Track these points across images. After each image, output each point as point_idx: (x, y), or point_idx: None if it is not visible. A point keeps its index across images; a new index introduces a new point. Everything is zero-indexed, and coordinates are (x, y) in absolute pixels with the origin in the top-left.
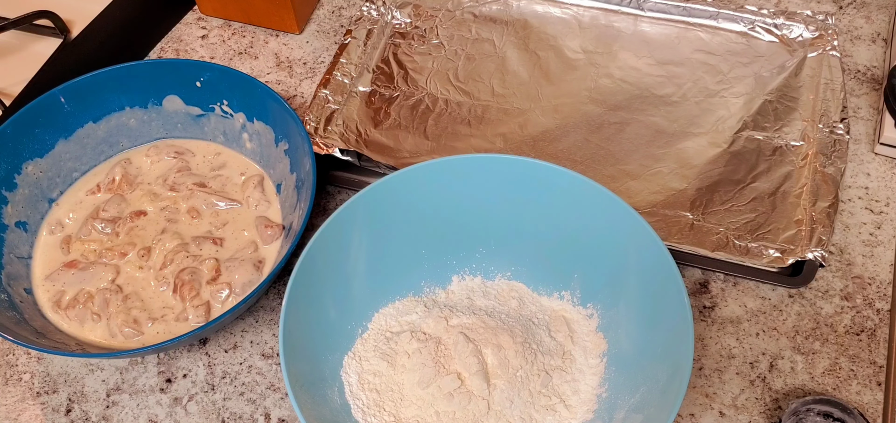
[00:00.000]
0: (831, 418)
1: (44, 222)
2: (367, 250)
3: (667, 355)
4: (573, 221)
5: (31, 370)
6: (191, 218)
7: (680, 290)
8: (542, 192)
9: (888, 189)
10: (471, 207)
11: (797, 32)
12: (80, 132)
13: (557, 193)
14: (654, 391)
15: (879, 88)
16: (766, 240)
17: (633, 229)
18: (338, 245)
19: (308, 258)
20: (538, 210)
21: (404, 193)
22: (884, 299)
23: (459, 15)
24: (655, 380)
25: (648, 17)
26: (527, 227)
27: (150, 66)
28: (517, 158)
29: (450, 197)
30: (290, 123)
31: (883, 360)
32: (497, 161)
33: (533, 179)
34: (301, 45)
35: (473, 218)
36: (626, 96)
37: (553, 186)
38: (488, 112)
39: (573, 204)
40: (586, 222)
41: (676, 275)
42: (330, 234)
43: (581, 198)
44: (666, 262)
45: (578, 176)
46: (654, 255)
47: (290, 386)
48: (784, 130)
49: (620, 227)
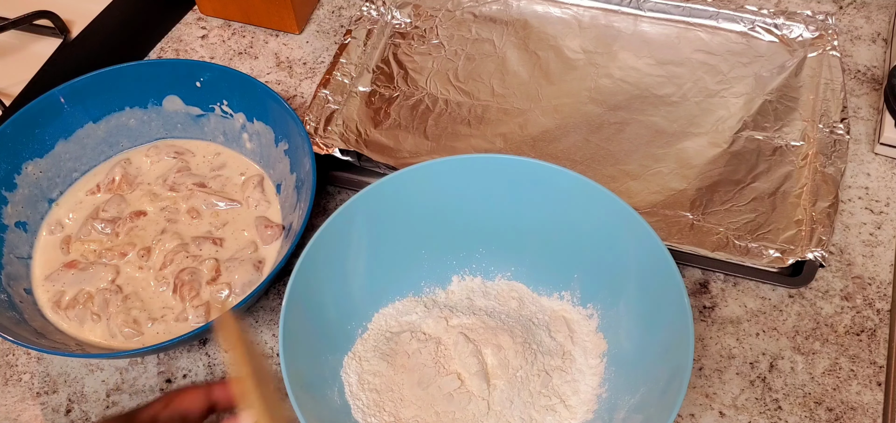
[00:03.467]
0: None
1: (44, 222)
2: (368, 249)
3: (667, 355)
4: (574, 221)
5: (31, 370)
6: (191, 218)
7: (680, 291)
8: (543, 192)
9: (888, 189)
10: (471, 207)
11: (797, 32)
12: (80, 132)
13: (558, 193)
14: (654, 391)
15: (879, 88)
16: (766, 240)
17: (634, 230)
18: (338, 245)
19: (308, 259)
20: (538, 210)
21: (404, 193)
22: (884, 299)
23: (459, 15)
24: (655, 380)
25: (648, 17)
26: (527, 227)
27: (150, 66)
28: (517, 158)
29: (450, 197)
30: (290, 123)
31: (883, 360)
32: (497, 161)
33: (533, 179)
34: (301, 45)
35: (474, 218)
36: (626, 96)
37: (554, 186)
38: (488, 112)
39: (574, 204)
40: (587, 223)
41: (676, 276)
42: (330, 234)
43: (582, 198)
44: (666, 262)
45: (579, 177)
46: (655, 255)
47: (289, 386)
48: (784, 130)
49: (621, 227)
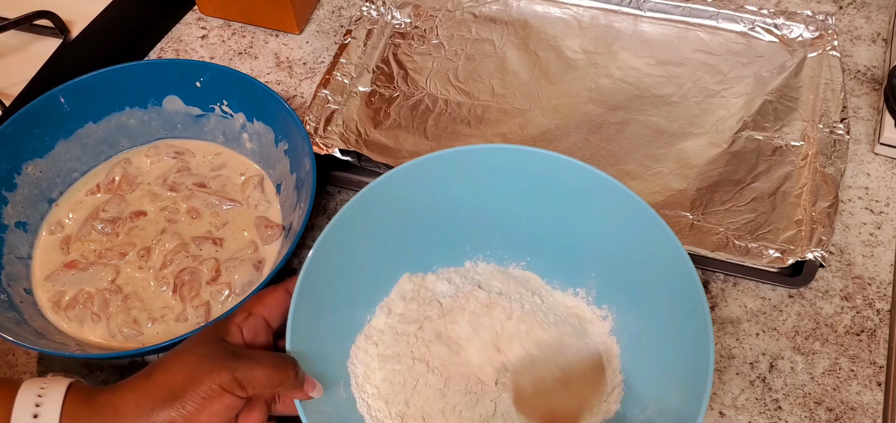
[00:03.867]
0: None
1: (44, 222)
2: (377, 240)
3: (682, 380)
4: (595, 221)
5: (31, 370)
6: (191, 218)
7: (706, 324)
8: (563, 188)
9: (888, 189)
10: (487, 199)
11: (797, 32)
12: (80, 132)
13: (584, 194)
14: (665, 414)
15: (879, 88)
16: (766, 240)
17: (661, 242)
18: (346, 239)
19: (318, 255)
20: (558, 205)
21: (419, 183)
22: (884, 299)
23: (459, 15)
24: (667, 402)
25: (648, 17)
26: (545, 220)
27: (150, 66)
28: (544, 151)
29: (467, 188)
30: (290, 123)
31: (883, 360)
32: (521, 153)
33: (555, 173)
34: (301, 45)
35: (489, 210)
36: (626, 96)
37: (576, 184)
38: (488, 112)
39: (595, 203)
40: (610, 224)
41: (704, 304)
42: (338, 230)
43: (605, 199)
44: (694, 288)
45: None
46: (681, 273)
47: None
48: (784, 130)
49: (648, 236)
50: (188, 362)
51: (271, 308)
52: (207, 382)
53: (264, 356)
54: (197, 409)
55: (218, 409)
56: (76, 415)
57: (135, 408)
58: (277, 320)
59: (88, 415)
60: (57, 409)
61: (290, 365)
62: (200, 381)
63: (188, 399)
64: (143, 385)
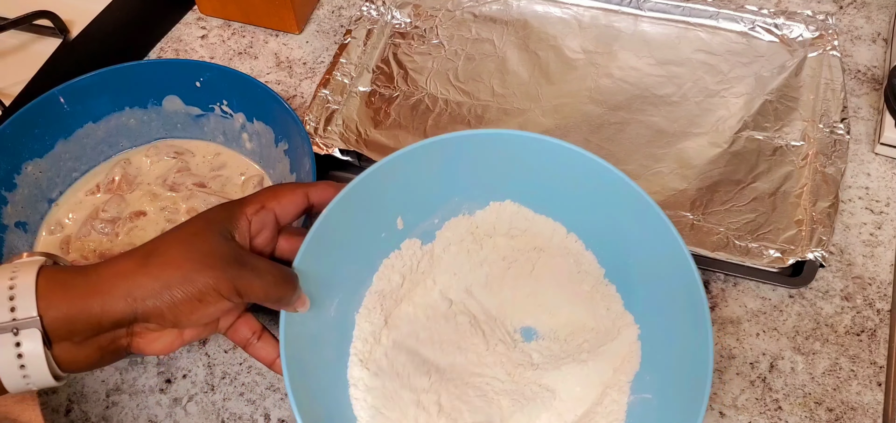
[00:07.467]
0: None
1: (43, 222)
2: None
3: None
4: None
5: None
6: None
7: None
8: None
9: (888, 189)
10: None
11: (797, 32)
12: (80, 132)
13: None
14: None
15: (879, 88)
16: (767, 240)
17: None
18: (339, 237)
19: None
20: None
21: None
22: (884, 299)
23: (459, 15)
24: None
25: (648, 17)
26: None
27: (149, 66)
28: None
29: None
30: (290, 123)
31: (883, 360)
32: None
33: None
34: (301, 45)
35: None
36: (626, 96)
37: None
38: (488, 112)
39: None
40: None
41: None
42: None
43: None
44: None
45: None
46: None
47: (290, 386)
48: (784, 130)
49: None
50: (189, 255)
51: (285, 207)
52: (204, 283)
53: (267, 268)
54: (189, 308)
55: (210, 312)
56: (58, 296)
57: (124, 296)
58: (287, 219)
59: (71, 295)
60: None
61: (292, 283)
62: (197, 280)
63: (181, 296)
64: (136, 273)
